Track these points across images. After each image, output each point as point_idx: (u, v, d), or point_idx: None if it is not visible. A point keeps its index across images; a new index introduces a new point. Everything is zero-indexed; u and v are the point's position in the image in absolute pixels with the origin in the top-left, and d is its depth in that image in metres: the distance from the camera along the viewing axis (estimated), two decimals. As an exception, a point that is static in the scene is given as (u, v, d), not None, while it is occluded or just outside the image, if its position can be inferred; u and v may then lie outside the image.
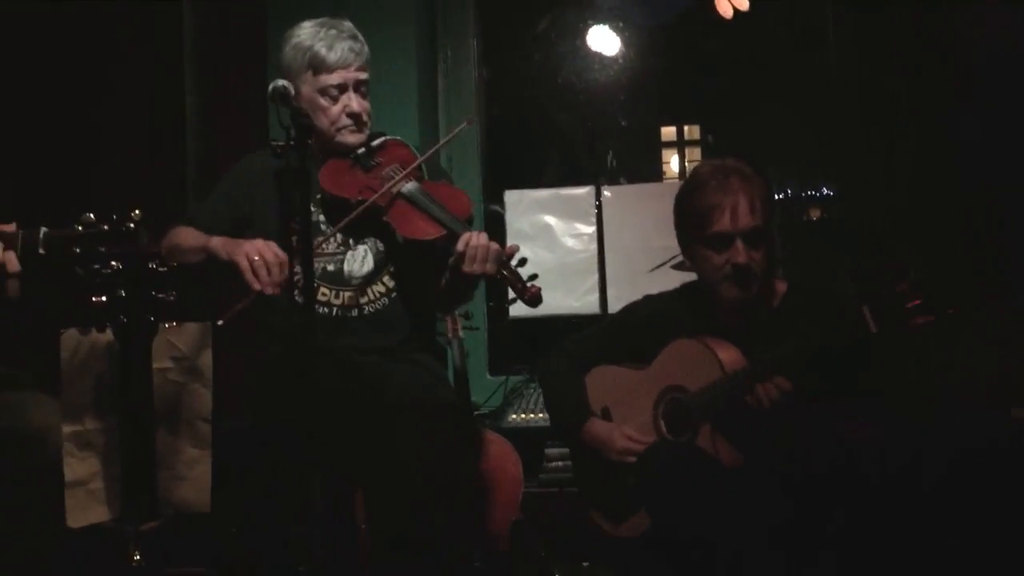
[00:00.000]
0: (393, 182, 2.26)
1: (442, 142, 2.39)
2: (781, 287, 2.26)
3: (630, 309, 2.43)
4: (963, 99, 3.22)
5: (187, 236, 2.29)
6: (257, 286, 2.07)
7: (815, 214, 3.79)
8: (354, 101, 2.31)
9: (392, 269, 2.33)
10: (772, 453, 2.07)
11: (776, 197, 3.85)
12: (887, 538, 2.07)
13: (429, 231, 2.19)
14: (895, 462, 2.14)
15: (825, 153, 3.79)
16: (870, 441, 2.07)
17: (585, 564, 2.76)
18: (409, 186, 2.27)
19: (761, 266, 2.14)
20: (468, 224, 2.21)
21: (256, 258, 2.07)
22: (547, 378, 2.46)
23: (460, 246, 2.12)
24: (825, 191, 3.76)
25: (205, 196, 2.49)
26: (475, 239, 2.12)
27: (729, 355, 2.14)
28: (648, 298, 2.42)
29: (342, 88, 2.31)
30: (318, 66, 2.28)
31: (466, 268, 2.12)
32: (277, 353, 2.31)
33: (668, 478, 2.07)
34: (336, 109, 2.31)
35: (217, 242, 2.21)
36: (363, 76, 2.33)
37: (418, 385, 2.29)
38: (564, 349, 2.46)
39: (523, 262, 2.20)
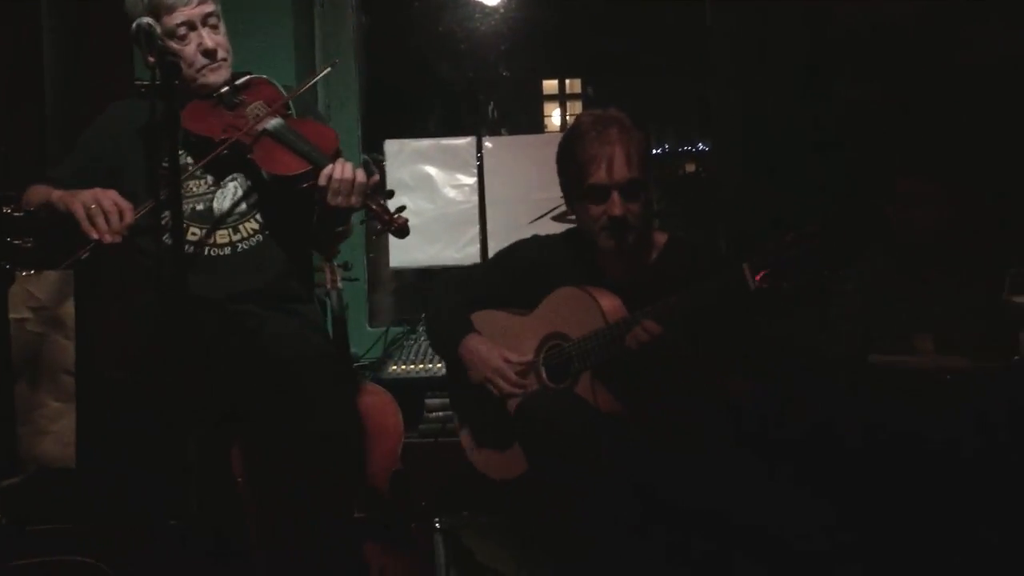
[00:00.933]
0: (258, 119, 2.21)
1: (308, 82, 2.33)
2: (660, 239, 2.29)
3: (517, 247, 2.43)
4: (839, 59, 3.33)
5: (36, 193, 2.22)
6: (95, 235, 2.02)
7: (691, 169, 3.87)
8: (206, 37, 2.26)
9: (263, 207, 2.28)
10: (650, 402, 2.13)
11: (654, 152, 3.94)
12: (763, 485, 2.13)
13: (293, 166, 2.16)
14: (769, 412, 2.21)
15: (702, 109, 3.86)
16: (745, 392, 2.13)
17: (465, 513, 2.77)
18: (274, 122, 2.23)
19: (638, 218, 2.17)
20: (334, 159, 2.17)
21: (93, 206, 2.02)
22: (431, 300, 2.45)
23: (323, 180, 2.10)
24: (701, 146, 3.83)
25: (67, 148, 2.41)
26: (339, 171, 2.09)
27: (611, 304, 2.16)
28: (536, 239, 2.43)
29: (190, 26, 2.25)
30: (157, 9, 2.21)
31: (330, 200, 2.09)
32: (149, 300, 2.23)
33: (546, 424, 2.08)
34: (190, 49, 2.25)
35: (57, 194, 2.14)
36: (208, 9, 2.27)
37: (295, 335, 2.25)
38: (450, 279, 2.49)
39: (401, 209, 2.18)
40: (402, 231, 2.14)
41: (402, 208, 2.17)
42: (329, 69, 2.38)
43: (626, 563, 2.00)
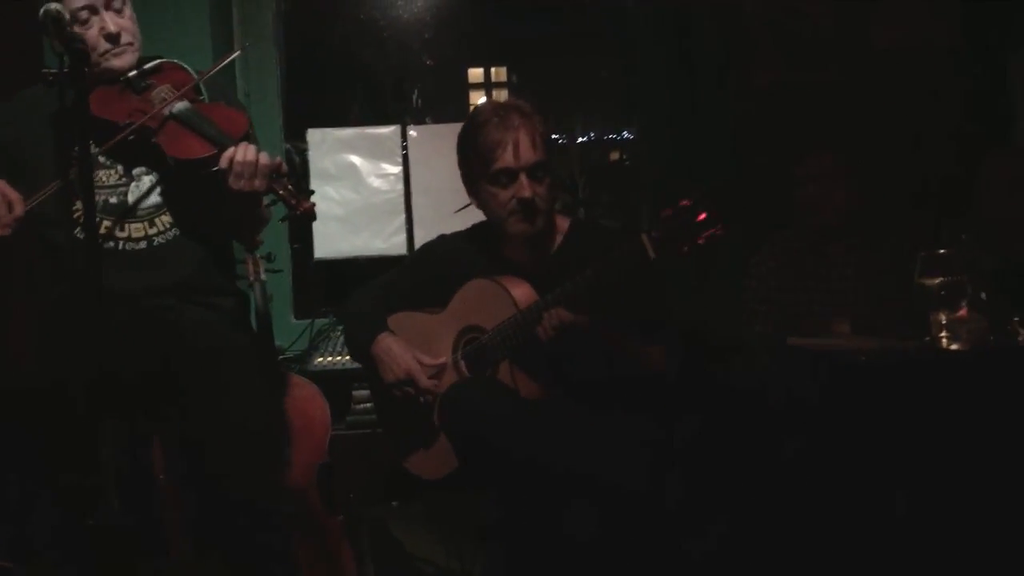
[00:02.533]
0: (164, 103, 2.17)
1: (216, 66, 2.28)
2: (563, 224, 2.31)
3: (426, 249, 2.45)
4: (752, 45, 3.40)
5: None
6: None
7: (615, 156, 3.91)
8: (108, 21, 2.19)
9: (179, 200, 2.24)
10: (568, 381, 2.14)
11: (579, 140, 3.97)
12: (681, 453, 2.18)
13: (197, 149, 2.12)
14: (683, 383, 2.25)
15: (627, 98, 3.90)
16: (662, 361, 2.16)
17: (393, 504, 2.81)
18: (180, 106, 2.18)
19: (545, 200, 2.20)
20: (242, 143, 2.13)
21: None
22: (347, 307, 2.44)
23: (224, 162, 2.06)
24: (626, 135, 3.87)
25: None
26: (240, 153, 2.05)
27: (521, 291, 2.18)
28: (443, 238, 2.44)
29: (91, 10, 2.18)
30: None
31: (232, 184, 2.06)
32: (61, 295, 2.18)
33: (470, 413, 2.10)
34: (92, 33, 2.19)
35: None
36: None
37: (215, 330, 2.22)
38: (365, 289, 2.46)
39: (310, 194, 2.16)
40: (308, 216, 2.12)
41: (311, 193, 2.15)
42: (238, 53, 2.34)
43: (557, 545, 2.03)
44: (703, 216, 1.92)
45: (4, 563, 2.07)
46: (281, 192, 2.09)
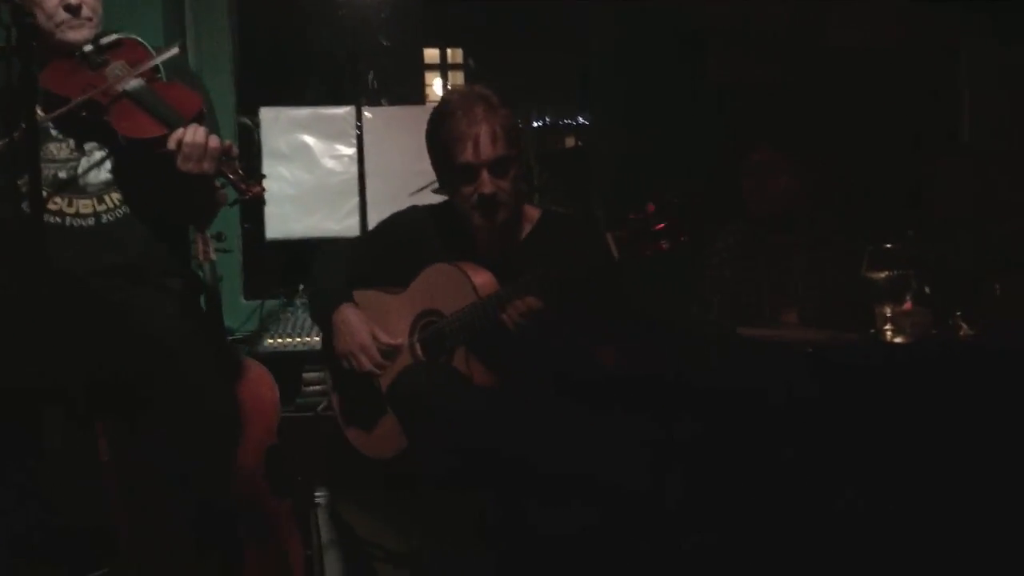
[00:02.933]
0: (117, 79, 2.13)
1: (151, 62, 2.22)
2: (534, 214, 2.31)
3: (394, 219, 2.43)
4: (711, 37, 3.43)
5: None
6: None
7: (570, 142, 3.91)
8: None
9: (129, 177, 2.21)
10: (523, 370, 2.15)
11: (535, 124, 3.97)
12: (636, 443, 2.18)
13: (148, 129, 2.08)
14: (638, 378, 2.25)
15: (583, 82, 3.90)
16: (615, 359, 2.17)
17: (343, 488, 2.78)
18: (133, 84, 2.14)
19: (509, 194, 2.18)
20: (194, 124, 2.09)
21: None
22: (314, 268, 2.43)
23: (172, 143, 2.03)
24: (581, 120, 3.88)
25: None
26: (189, 135, 2.02)
27: (482, 279, 2.18)
28: (413, 210, 2.43)
29: None
30: None
31: (181, 165, 2.03)
32: (4, 275, 2.13)
33: (421, 397, 2.10)
34: (52, 3, 2.14)
35: None
36: None
37: (162, 311, 2.20)
38: (334, 249, 2.47)
39: (260, 179, 2.15)
40: (256, 200, 2.10)
41: (262, 178, 2.14)
42: (176, 51, 2.27)
43: (503, 535, 2.05)
44: (665, 225, 1.94)
45: None
46: (231, 176, 2.07)
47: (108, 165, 2.20)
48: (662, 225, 1.93)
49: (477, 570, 2.09)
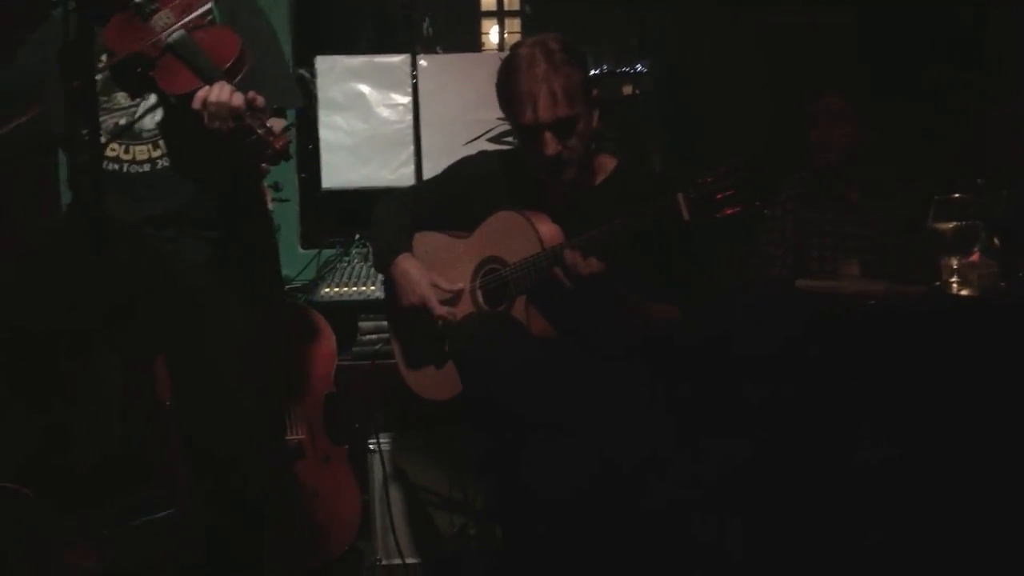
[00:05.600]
0: (162, 30, 2.09)
1: (196, 12, 2.16)
2: (609, 163, 2.27)
3: (464, 163, 2.40)
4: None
5: None
6: None
7: (628, 91, 3.85)
8: None
9: (184, 121, 2.17)
10: (582, 326, 2.13)
11: (592, 72, 3.89)
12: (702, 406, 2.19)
13: (184, 83, 2.04)
14: (704, 334, 2.25)
15: (641, 30, 3.83)
16: (673, 321, 2.15)
17: (397, 434, 2.80)
18: (176, 35, 2.10)
19: (576, 153, 2.14)
20: (229, 74, 2.05)
21: None
22: (377, 214, 2.42)
23: (196, 103, 1.99)
24: (639, 67, 3.82)
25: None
26: (214, 94, 1.98)
27: (548, 229, 2.16)
28: (483, 155, 2.41)
29: None
30: None
31: (208, 125, 1.99)
32: (64, 223, 2.17)
33: (479, 345, 2.09)
34: None
35: None
36: None
37: (211, 263, 2.20)
38: (400, 194, 2.45)
39: (286, 129, 2.12)
40: (279, 156, 2.04)
41: (288, 127, 2.09)
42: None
43: (557, 486, 2.04)
44: (736, 190, 1.89)
45: (18, 487, 2.09)
46: (258, 130, 2.01)
47: (162, 108, 2.18)
48: (733, 190, 1.90)
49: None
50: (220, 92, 1.98)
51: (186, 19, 2.10)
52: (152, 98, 2.18)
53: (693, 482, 2.09)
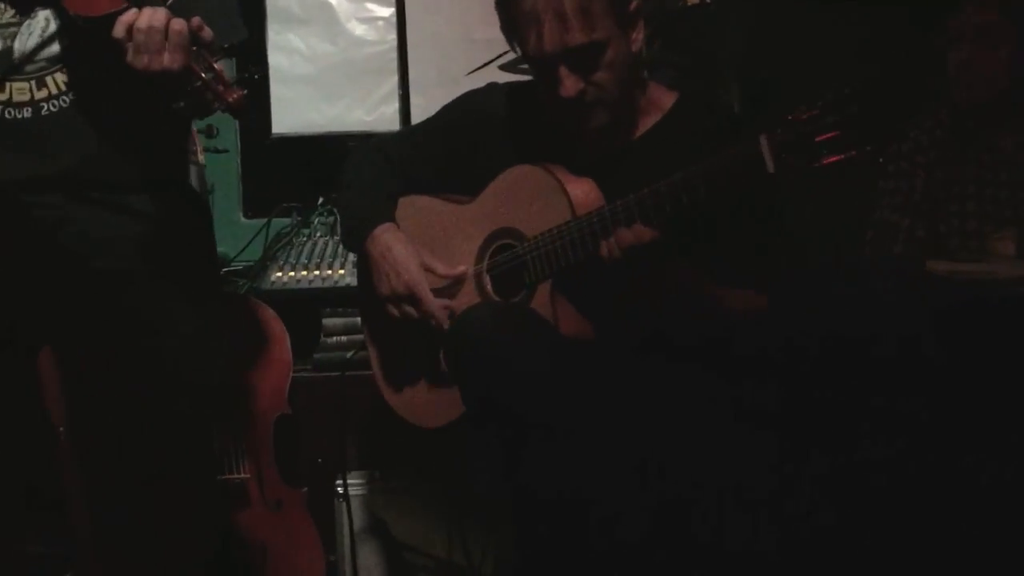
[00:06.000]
0: None
1: None
2: (666, 99, 2.25)
3: (467, 100, 2.39)
4: None
5: None
6: None
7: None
8: None
9: (82, 53, 2.17)
10: (628, 322, 2.11)
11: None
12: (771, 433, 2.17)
13: (100, 3, 2.04)
14: (786, 340, 2.22)
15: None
16: (754, 315, 2.13)
17: (377, 473, 2.81)
18: None
19: (608, 91, 2.11)
20: None
21: None
22: (349, 168, 2.43)
23: (119, 30, 1.97)
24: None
25: None
26: (143, 19, 1.98)
27: (582, 190, 2.14)
28: (493, 89, 2.38)
29: None
30: None
31: (132, 60, 1.98)
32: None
33: (489, 349, 2.04)
34: None
35: None
36: None
37: (120, 238, 2.19)
38: (370, 146, 2.46)
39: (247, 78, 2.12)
40: (237, 109, 2.04)
41: (251, 77, 2.09)
42: None
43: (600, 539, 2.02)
44: (840, 131, 1.85)
45: None
46: (203, 74, 2.01)
47: (52, 33, 2.16)
48: (837, 131, 1.86)
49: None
50: (153, 16, 1.97)
51: None
52: (40, 15, 2.17)
53: (789, 522, 2.12)
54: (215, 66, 2.02)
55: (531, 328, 2.12)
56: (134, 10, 1.99)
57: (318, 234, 3.24)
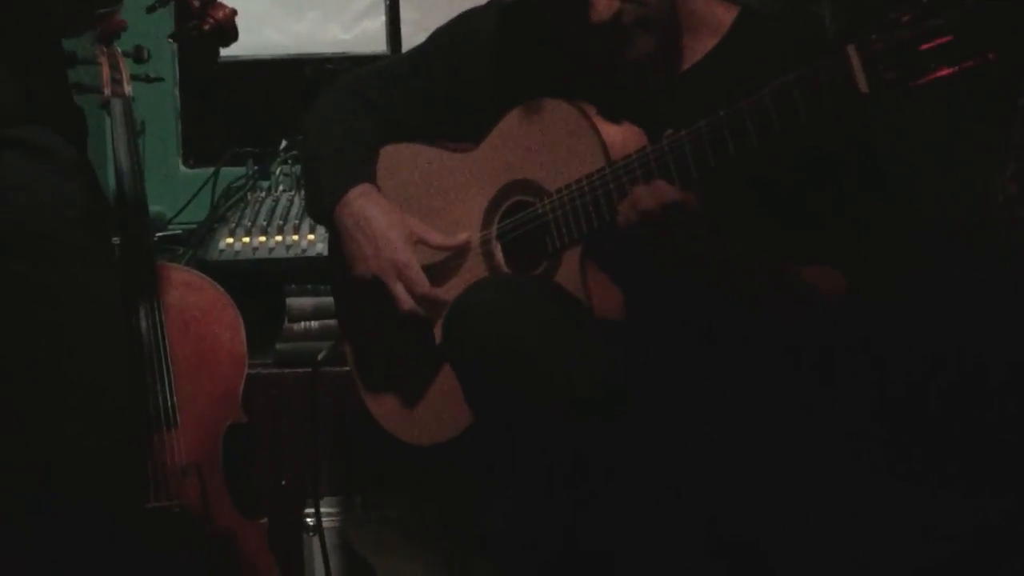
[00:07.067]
0: None
1: None
2: (724, 16, 2.26)
3: (467, 20, 2.42)
4: None
5: None
6: None
7: None
8: None
9: None
10: (683, 298, 2.11)
11: None
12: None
13: None
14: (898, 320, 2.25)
15: None
16: (834, 295, 2.15)
17: (357, 500, 2.84)
18: None
19: (652, 7, 2.13)
20: None
21: None
22: (318, 109, 2.47)
23: None
24: None
25: None
26: None
27: (620, 132, 2.15)
28: (498, 6, 2.40)
29: None
30: None
31: None
32: None
33: (501, 338, 2.04)
34: None
35: None
36: None
37: (25, 189, 2.20)
38: (355, 77, 2.50)
39: None
40: (218, 35, 2.13)
41: None
42: None
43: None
44: (951, 36, 1.83)
45: None
46: None
47: None
48: (945, 38, 1.83)
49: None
50: None
51: None
52: None
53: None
54: None
55: (556, 308, 2.12)
56: None
57: (280, 188, 3.25)
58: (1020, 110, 2.98)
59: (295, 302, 2.99)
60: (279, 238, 3.09)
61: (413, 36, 3.16)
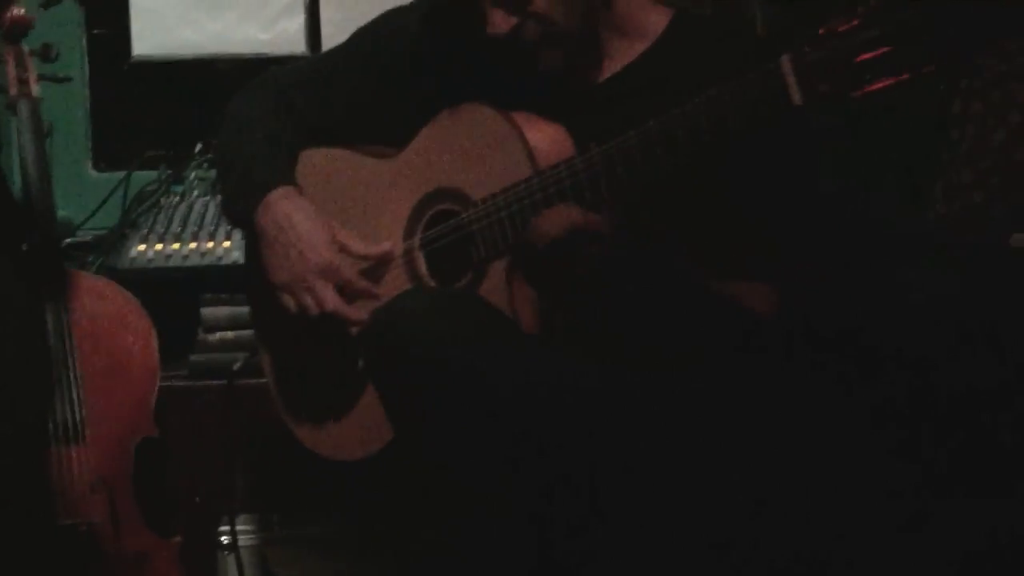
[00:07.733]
0: None
1: None
2: (658, 20, 2.28)
3: (394, 18, 2.42)
4: None
5: None
6: None
7: None
8: None
9: None
10: (609, 315, 2.13)
11: None
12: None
13: None
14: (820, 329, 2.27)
15: None
16: (769, 308, 2.16)
17: (274, 517, 2.82)
18: None
19: (555, 20, 2.14)
20: None
21: None
22: (234, 110, 2.44)
23: None
24: None
25: None
26: None
27: (546, 138, 2.16)
28: (424, 5, 2.41)
29: None
30: None
31: None
32: None
33: (424, 352, 2.03)
34: None
35: None
36: None
37: None
38: (274, 76, 2.49)
39: None
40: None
41: None
42: None
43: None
44: (888, 47, 1.84)
45: None
46: None
47: None
48: (881, 49, 1.85)
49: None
50: None
51: None
52: None
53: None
54: None
55: (480, 322, 2.12)
56: None
57: (195, 193, 3.24)
58: (950, 123, 3.00)
59: (210, 312, 2.99)
60: (193, 245, 3.07)
61: (334, 36, 3.14)
